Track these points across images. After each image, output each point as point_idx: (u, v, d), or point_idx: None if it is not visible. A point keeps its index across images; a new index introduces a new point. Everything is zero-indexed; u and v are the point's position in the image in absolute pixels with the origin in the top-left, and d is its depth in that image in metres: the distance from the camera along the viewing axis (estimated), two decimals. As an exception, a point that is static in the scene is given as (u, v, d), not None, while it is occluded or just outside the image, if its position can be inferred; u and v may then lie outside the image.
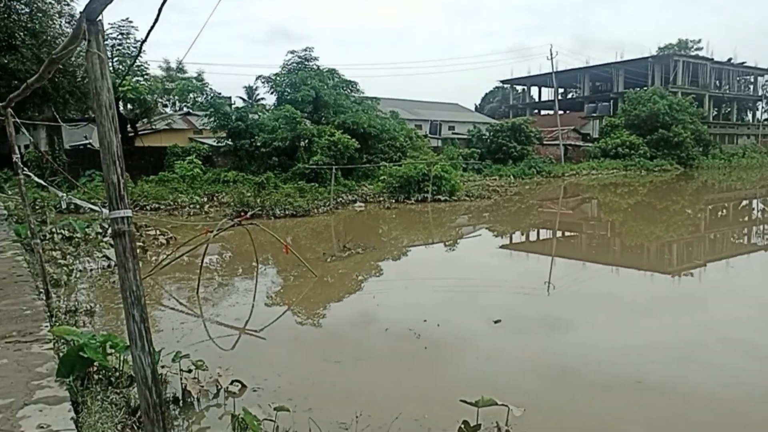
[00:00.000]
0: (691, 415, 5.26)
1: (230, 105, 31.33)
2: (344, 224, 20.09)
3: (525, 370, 6.42)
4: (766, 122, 72.04)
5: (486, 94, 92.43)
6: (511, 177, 38.37)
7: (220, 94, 30.46)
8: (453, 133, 50.24)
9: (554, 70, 51.72)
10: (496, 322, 8.06)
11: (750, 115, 72.86)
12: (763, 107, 74.14)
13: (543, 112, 67.67)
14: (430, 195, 25.73)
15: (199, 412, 5.36)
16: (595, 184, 37.81)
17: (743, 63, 66.74)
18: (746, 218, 22.89)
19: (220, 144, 30.12)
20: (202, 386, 5.60)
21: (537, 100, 74.76)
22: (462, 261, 13.95)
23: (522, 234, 18.88)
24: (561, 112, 54.75)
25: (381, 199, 25.83)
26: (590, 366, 6.50)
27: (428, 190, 25.85)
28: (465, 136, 46.36)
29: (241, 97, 43.19)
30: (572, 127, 55.03)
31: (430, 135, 45.44)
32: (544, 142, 47.18)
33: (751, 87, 72.93)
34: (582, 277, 11.71)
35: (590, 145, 51.38)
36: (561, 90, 69.45)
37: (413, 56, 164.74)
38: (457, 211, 24.17)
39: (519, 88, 76.25)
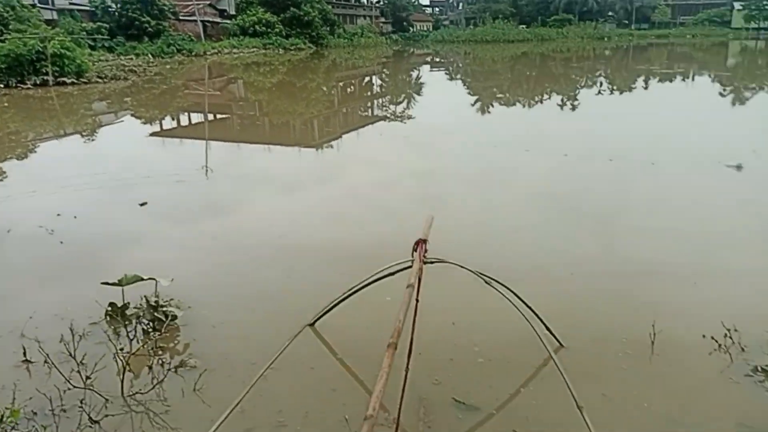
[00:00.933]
0: (327, 257, 6.07)
1: None
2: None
3: (179, 248, 6.43)
4: (377, 5, 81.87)
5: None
6: (150, 56, 35.40)
7: None
8: (71, 4, 42.61)
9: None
10: (141, 204, 7.77)
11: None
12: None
13: (176, -16, 62.28)
14: (51, 77, 21.84)
15: None
16: (238, 63, 37.75)
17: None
18: (369, 93, 26.40)
19: None
20: None
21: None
22: (107, 153, 12.54)
23: (172, 119, 17.87)
24: (195, -16, 51.41)
25: (-17, 84, 20.82)
26: (241, 234, 6.90)
27: (48, 72, 21.81)
28: (87, 8, 40.11)
29: None
30: (208, 2, 52.60)
31: (39, 5, 37.58)
32: (180, 17, 44.28)
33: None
34: (237, 158, 11.92)
35: (228, 22, 50.39)
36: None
37: None
38: (89, 95, 21.25)
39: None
